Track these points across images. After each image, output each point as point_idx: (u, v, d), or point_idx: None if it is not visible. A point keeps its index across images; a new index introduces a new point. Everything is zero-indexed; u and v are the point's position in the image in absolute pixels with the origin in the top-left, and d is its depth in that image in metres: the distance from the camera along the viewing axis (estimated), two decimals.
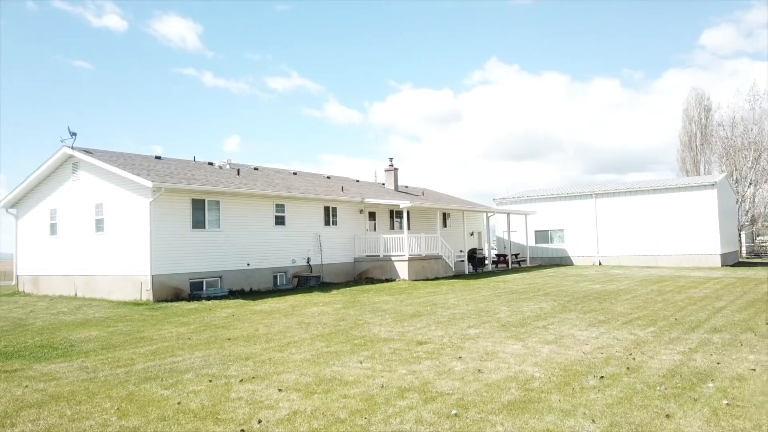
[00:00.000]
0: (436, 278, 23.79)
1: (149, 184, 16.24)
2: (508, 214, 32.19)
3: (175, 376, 7.77)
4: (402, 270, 22.64)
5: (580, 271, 26.88)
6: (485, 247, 33.39)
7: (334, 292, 18.74)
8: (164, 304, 16.05)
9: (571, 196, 33.36)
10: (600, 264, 31.83)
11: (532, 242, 34.57)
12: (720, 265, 28.66)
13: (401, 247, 22.88)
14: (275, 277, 20.83)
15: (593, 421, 5.48)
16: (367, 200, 24.20)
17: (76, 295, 18.98)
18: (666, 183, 32.08)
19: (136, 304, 16.34)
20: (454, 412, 5.87)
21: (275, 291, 19.66)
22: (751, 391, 6.34)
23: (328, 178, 29.11)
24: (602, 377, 7.10)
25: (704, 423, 5.34)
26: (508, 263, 31.24)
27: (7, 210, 22.22)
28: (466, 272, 26.83)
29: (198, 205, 18.13)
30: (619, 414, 5.66)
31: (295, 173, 27.42)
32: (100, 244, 18.37)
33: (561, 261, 33.56)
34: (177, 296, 17.20)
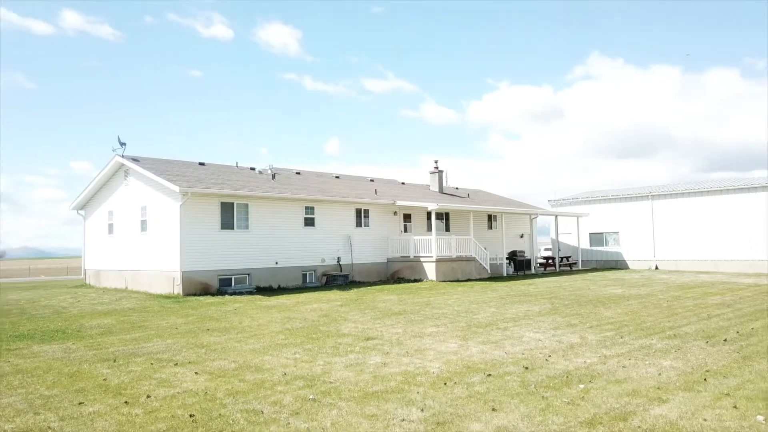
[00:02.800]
0: (468, 280, 23.98)
1: (177, 188, 17.88)
2: (556, 216, 31.56)
3: (128, 359, 8.93)
4: (430, 271, 23.09)
5: (624, 275, 25.97)
6: (535, 249, 32.93)
7: (353, 290, 19.57)
8: (190, 298, 17.62)
9: (626, 198, 32.14)
10: (657, 268, 30.44)
11: (586, 245, 33.64)
12: None
13: (429, 248, 23.32)
14: (304, 276, 22.00)
15: (422, 410, 5.93)
16: (399, 202, 24.83)
17: (126, 287, 21.12)
18: (726, 183, 30.11)
19: (167, 297, 18.04)
20: (311, 396, 6.52)
21: (302, 288, 20.81)
22: (611, 393, 6.47)
23: (372, 180, 30.00)
24: (489, 375, 7.43)
25: (520, 417, 5.65)
26: (556, 266, 30.68)
27: (77, 211, 24.99)
28: (504, 274, 26.74)
29: (227, 208, 19.63)
30: (454, 406, 6.06)
31: (337, 176, 28.56)
32: (144, 243, 20.36)
33: (616, 264, 32.40)
34: (205, 291, 18.76)
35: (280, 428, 5.48)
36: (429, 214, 27.23)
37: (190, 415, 5.89)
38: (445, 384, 6.99)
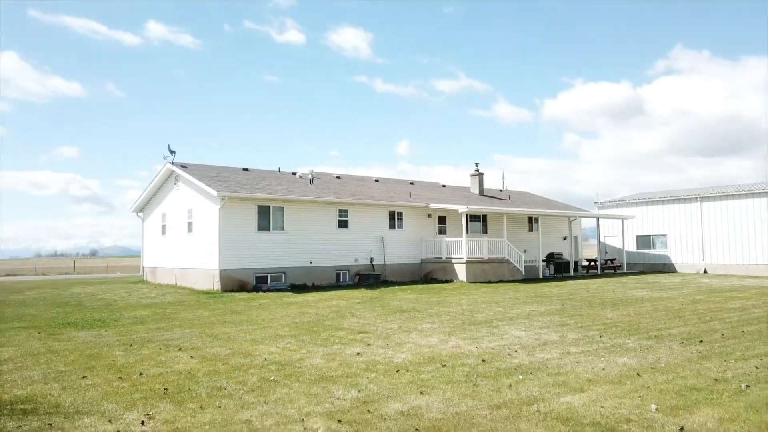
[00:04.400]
0: (501, 281, 24.32)
1: (215, 193, 19.40)
2: (598, 218, 31.17)
3: (143, 344, 10.21)
4: (460, 272, 23.62)
5: (663, 278, 25.46)
6: (579, 251, 32.65)
7: (378, 289, 20.45)
8: (226, 294, 19.07)
9: (674, 200, 31.30)
10: (705, 272, 29.50)
11: (633, 247, 32.99)
12: None
13: (460, 250, 23.86)
14: (338, 275, 23.09)
15: (359, 391, 6.73)
16: (432, 205, 25.49)
17: (175, 284, 22.95)
18: None
19: (206, 293, 19.58)
20: (273, 378, 7.46)
21: (335, 287, 21.89)
22: (540, 383, 7.03)
23: (411, 183, 30.77)
24: (444, 366, 8.11)
25: (440, 400, 6.33)
26: (598, 269, 30.35)
27: (137, 214, 27.23)
28: (540, 276, 26.83)
29: (263, 211, 21.01)
30: (389, 389, 6.81)
31: (376, 180, 29.54)
32: (190, 243, 22.08)
33: (664, 268, 31.61)
34: (242, 288, 20.19)
35: (232, 401, 6.44)
36: (465, 216, 27.73)
37: (164, 389, 6.96)
38: (397, 372, 7.75)
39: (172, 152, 22.77)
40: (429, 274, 25.12)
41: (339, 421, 5.63)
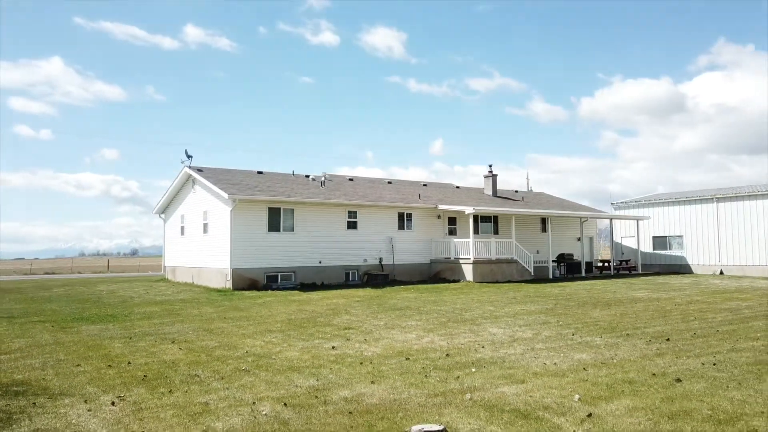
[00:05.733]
0: (509, 281, 24.63)
1: (226, 195, 20.29)
2: (611, 219, 31.13)
3: (142, 337, 11.03)
4: (467, 272, 24.04)
5: (673, 279, 25.37)
6: (594, 252, 32.64)
7: (383, 288, 21.04)
8: (236, 292, 19.93)
9: (690, 201, 31.03)
10: (721, 273, 29.20)
11: (649, 248, 32.81)
12: None
13: (467, 250, 24.27)
14: (347, 274, 23.77)
15: (317, 380, 7.35)
16: (441, 206, 25.96)
17: (192, 282, 23.98)
18: None
19: (218, 290, 20.49)
20: (245, 368, 8.14)
21: (343, 286, 22.56)
22: (488, 376, 7.53)
23: (425, 185, 31.26)
24: (407, 359, 8.67)
25: (385, 388, 6.90)
26: (611, 269, 30.32)
27: (159, 215, 28.44)
28: (550, 276, 27.02)
29: (273, 212, 21.84)
30: (345, 379, 7.40)
31: (389, 182, 30.13)
32: (206, 243, 23.06)
33: (679, 269, 31.35)
34: (253, 286, 21.04)
35: (200, 386, 7.13)
36: (476, 217, 28.10)
37: (144, 376, 7.70)
38: (361, 364, 8.35)
39: (189, 157, 23.82)
40: (438, 274, 25.60)
41: (285, 404, 6.27)
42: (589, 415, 5.70)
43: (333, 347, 9.70)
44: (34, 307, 17.02)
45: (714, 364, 8.01)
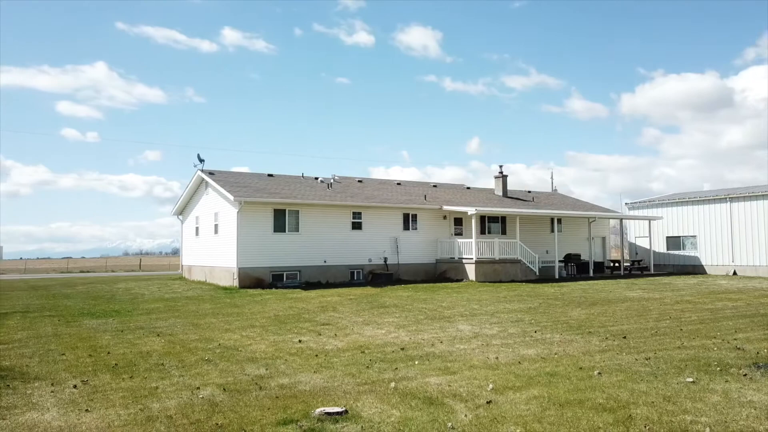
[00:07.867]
0: (513, 281, 24.93)
1: (232, 197, 21.22)
2: (621, 219, 31.01)
3: (132, 331, 11.91)
4: (470, 271, 24.46)
5: (678, 280, 25.25)
6: (606, 252, 32.58)
7: (383, 287, 21.65)
8: (242, 290, 20.83)
9: (703, 200, 30.70)
10: (735, 274, 28.84)
11: (662, 248, 32.56)
12: None
13: (470, 250, 24.68)
14: (352, 273, 24.47)
15: (266, 369, 8.03)
16: (445, 207, 26.42)
17: (205, 280, 25.04)
18: None
19: (225, 288, 21.44)
20: (207, 357, 8.88)
21: (347, 285, 23.25)
22: (426, 368, 8.08)
23: (435, 186, 31.73)
24: (363, 352, 9.27)
25: (322, 377, 7.53)
26: (621, 270, 30.24)
27: (177, 216, 29.68)
28: (556, 276, 27.17)
29: (279, 214, 22.70)
30: (293, 369, 8.06)
31: (398, 183, 30.71)
32: (216, 243, 24.09)
33: (693, 270, 31.04)
34: (259, 285, 21.92)
35: (158, 374, 7.89)
36: (482, 217, 28.47)
37: (115, 364, 8.52)
38: (316, 356, 8.99)
39: (201, 161, 24.89)
40: (443, 273, 26.07)
41: (224, 389, 6.95)
42: (488, 402, 6.21)
43: (300, 341, 10.37)
44: (51, 303, 18.21)
45: (647, 359, 8.38)
